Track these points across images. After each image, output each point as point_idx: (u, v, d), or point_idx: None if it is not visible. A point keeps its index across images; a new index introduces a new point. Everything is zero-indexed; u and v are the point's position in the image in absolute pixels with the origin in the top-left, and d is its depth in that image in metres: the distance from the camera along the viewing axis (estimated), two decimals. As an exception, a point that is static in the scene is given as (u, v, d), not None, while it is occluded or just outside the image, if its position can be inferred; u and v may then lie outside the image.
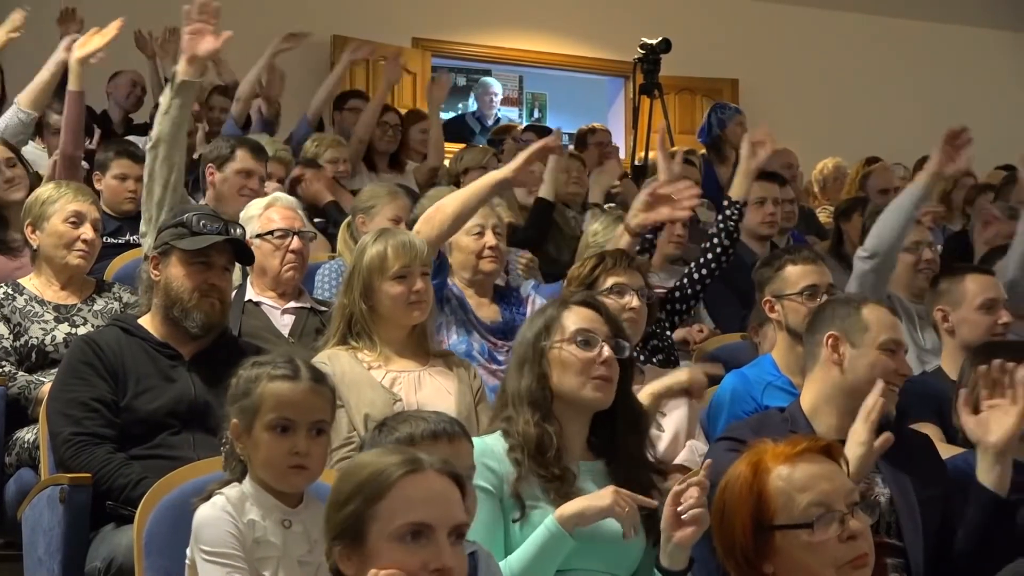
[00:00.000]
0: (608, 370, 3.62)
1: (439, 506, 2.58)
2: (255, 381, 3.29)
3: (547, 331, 3.66)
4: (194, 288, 4.28)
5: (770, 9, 13.52)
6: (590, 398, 3.61)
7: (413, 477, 2.58)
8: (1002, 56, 14.21)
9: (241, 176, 6.02)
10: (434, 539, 2.53)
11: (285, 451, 3.24)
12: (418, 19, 12.23)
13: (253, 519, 3.22)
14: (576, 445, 3.63)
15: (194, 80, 5.20)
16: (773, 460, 2.91)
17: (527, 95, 14.08)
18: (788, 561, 2.85)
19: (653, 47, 9.22)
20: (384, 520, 2.54)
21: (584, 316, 3.68)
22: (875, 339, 3.96)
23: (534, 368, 3.62)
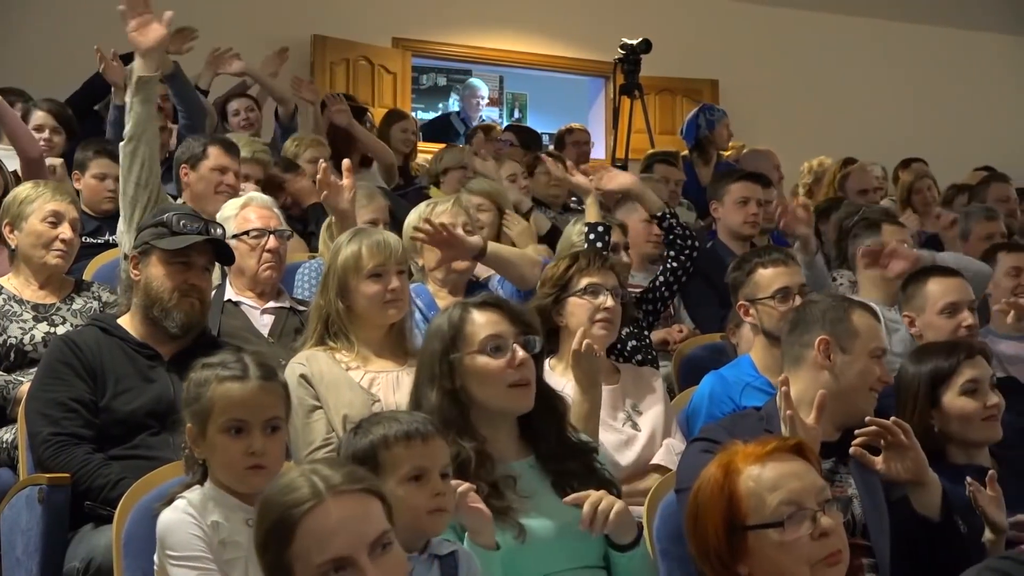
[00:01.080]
0: (525, 372, 3.54)
1: (348, 533, 2.52)
2: (204, 384, 3.29)
3: (454, 342, 3.56)
4: (174, 288, 4.28)
5: (750, 10, 13.54)
6: (513, 406, 3.56)
7: (313, 514, 2.52)
8: (980, 57, 14.26)
9: (216, 173, 6.00)
10: (356, 565, 2.49)
11: (241, 452, 3.24)
12: (398, 19, 12.22)
13: (217, 520, 3.21)
14: (508, 447, 3.57)
15: (152, 74, 5.19)
16: (743, 461, 2.92)
17: (508, 95, 14.10)
18: (762, 561, 2.86)
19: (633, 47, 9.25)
20: (302, 561, 2.51)
21: (490, 320, 3.58)
22: (865, 346, 3.98)
23: (444, 383, 3.52)
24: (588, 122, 12.56)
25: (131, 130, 5.15)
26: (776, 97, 13.28)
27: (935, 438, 4.19)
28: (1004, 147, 12.98)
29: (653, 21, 11.59)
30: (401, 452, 3.05)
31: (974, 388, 4.21)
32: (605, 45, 10.79)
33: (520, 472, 3.51)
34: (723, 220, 6.85)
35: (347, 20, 11.69)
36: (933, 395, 4.23)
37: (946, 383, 4.23)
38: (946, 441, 4.22)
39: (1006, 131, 13.75)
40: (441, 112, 13.15)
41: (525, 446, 3.63)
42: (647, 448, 4.52)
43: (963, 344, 4.44)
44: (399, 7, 12.21)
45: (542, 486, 3.53)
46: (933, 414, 4.22)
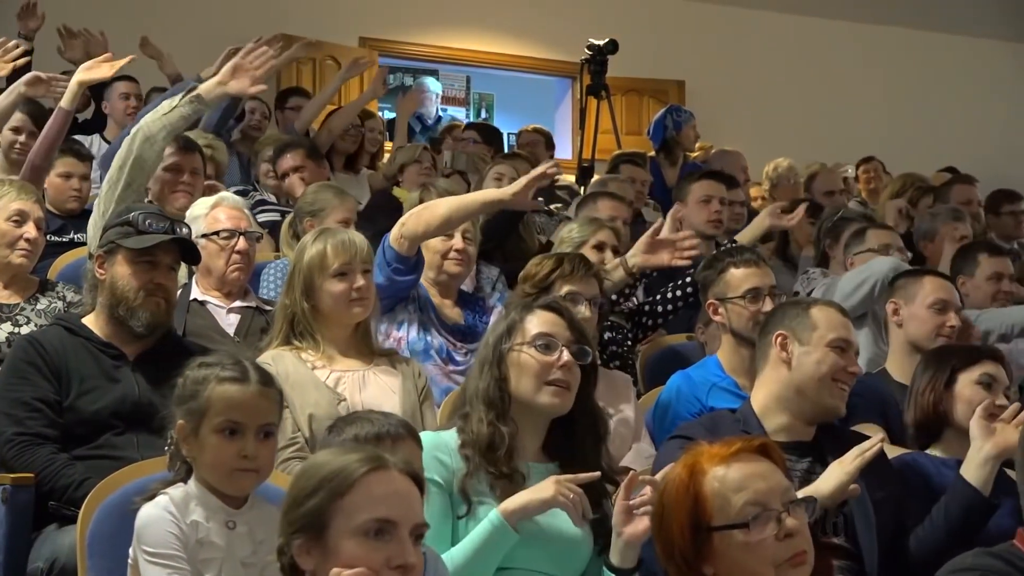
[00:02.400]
0: (567, 375, 3.60)
1: (402, 504, 2.59)
2: (203, 383, 3.27)
3: (508, 334, 3.65)
4: (140, 287, 4.26)
5: (716, 11, 13.58)
6: (545, 403, 3.61)
7: (377, 474, 2.59)
8: (946, 59, 14.33)
9: (170, 172, 5.95)
10: (397, 536, 2.55)
11: (233, 454, 3.23)
12: (365, 18, 12.20)
13: (196, 520, 3.20)
14: (530, 447, 3.63)
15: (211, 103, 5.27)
16: (708, 461, 2.92)
17: (474, 95, 14.07)
18: (727, 562, 2.86)
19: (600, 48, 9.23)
20: (348, 515, 2.55)
21: (546, 320, 3.67)
22: (823, 337, 4.00)
23: (493, 370, 3.61)
24: (555, 122, 12.59)
25: (153, 130, 5.17)
26: (742, 98, 13.31)
27: (938, 419, 4.28)
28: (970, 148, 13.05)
29: (620, 22, 11.60)
30: None
31: (989, 383, 4.26)
32: (572, 46, 10.78)
33: (534, 474, 3.56)
34: (687, 220, 6.85)
35: (314, 19, 11.66)
36: (951, 378, 4.29)
37: (965, 369, 4.29)
38: (945, 426, 4.29)
39: (972, 133, 13.83)
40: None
41: (546, 454, 3.68)
42: (617, 451, 4.52)
43: (990, 348, 4.60)
44: (366, 7, 12.20)
45: None
46: (944, 395, 4.28)
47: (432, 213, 4.87)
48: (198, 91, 5.23)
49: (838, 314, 4.11)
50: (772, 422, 3.96)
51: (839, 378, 3.98)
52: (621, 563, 3.39)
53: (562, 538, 3.45)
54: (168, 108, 5.21)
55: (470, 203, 4.99)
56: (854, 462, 3.65)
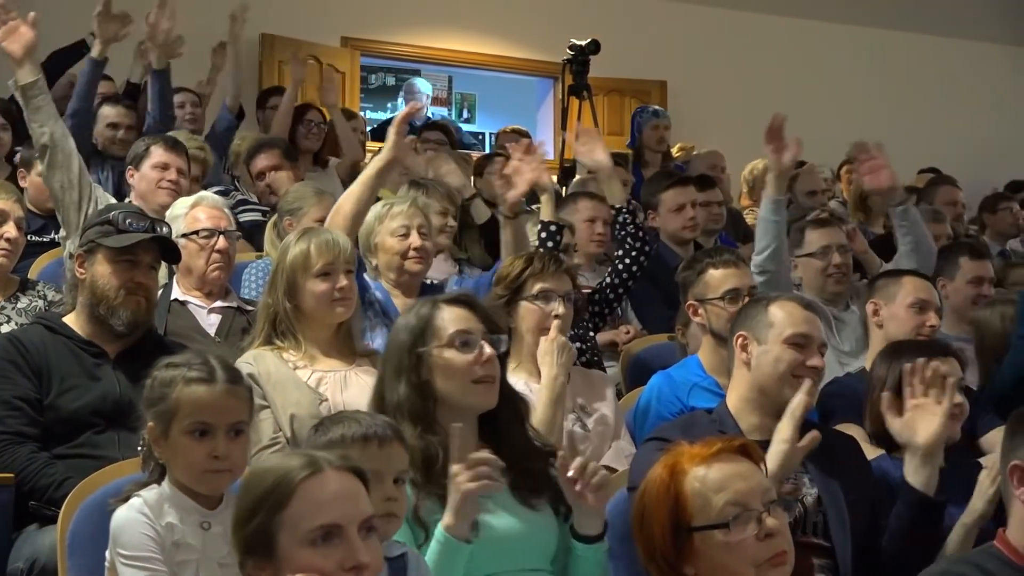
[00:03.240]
0: (490, 369, 3.57)
1: (344, 504, 2.56)
2: (170, 385, 3.26)
3: (422, 336, 3.57)
4: (120, 286, 4.26)
5: (699, 12, 13.58)
6: (476, 402, 3.57)
7: (313, 480, 2.56)
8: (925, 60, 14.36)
9: (157, 170, 5.97)
10: (345, 538, 2.52)
11: (204, 455, 3.22)
12: (347, 18, 12.18)
13: (171, 522, 3.19)
14: (467, 444, 3.53)
15: (33, 79, 5.22)
16: (689, 462, 2.93)
17: (456, 95, 14.08)
18: (708, 562, 2.87)
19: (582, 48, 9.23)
20: (291, 527, 2.53)
21: (459, 316, 3.61)
22: (780, 334, 3.98)
23: (411, 376, 3.54)
24: (536, 122, 12.58)
25: (37, 139, 5.25)
26: (725, 98, 13.31)
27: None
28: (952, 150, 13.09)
29: (602, 22, 11.59)
30: (356, 453, 3.04)
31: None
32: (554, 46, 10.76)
33: None
34: (662, 228, 6.88)
35: (296, 19, 11.64)
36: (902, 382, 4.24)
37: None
38: None
39: (954, 134, 13.87)
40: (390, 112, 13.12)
41: (482, 444, 3.62)
42: (595, 449, 4.53)
43: (939, 343, 4.49)
44: (348, 6, 12.17)
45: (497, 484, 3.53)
46: (897, 402, 4.24)
47: (341, 214, 4.81)
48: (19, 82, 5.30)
49: (799, 308, 4.07)
50: (745, 422, 3.95)
51: (799, 373, 3.93)
52: (586, 530, 3.39)
53: (524, 531, 3.43)
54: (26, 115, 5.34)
55: (365, 182, 4.87)
56: (788, 425, 3.66)
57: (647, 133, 9.75)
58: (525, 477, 3.52)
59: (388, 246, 5.21)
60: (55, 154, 5.24)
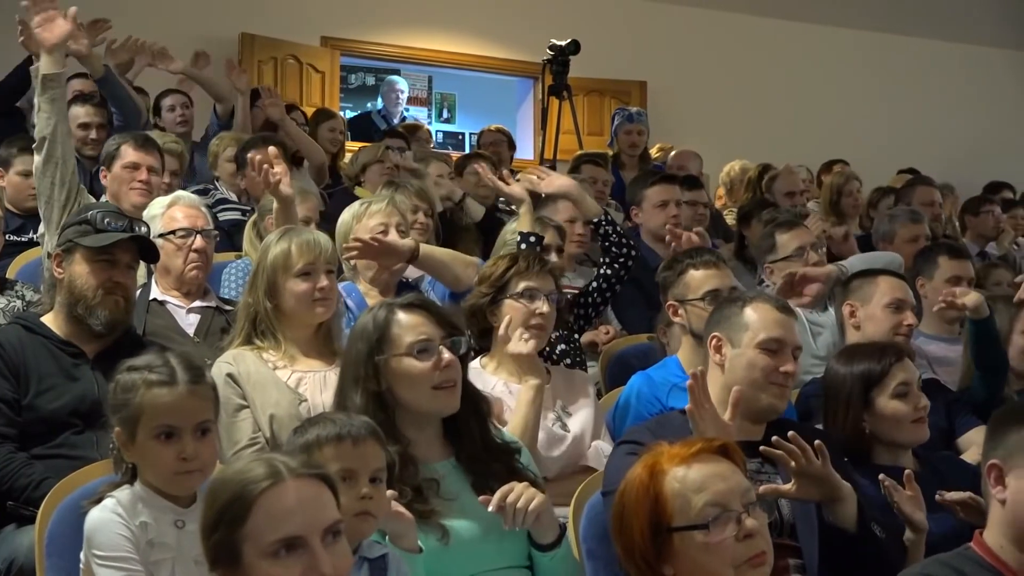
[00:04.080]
0: (451, 374, 3.56)
1: (305, 514, 2.53)
2: (131, 390, 3.25)
3: (379, 344, 3.56)
4: (98, 286, 4.26)
5: (678, 12, 13.60)
6: (438, 408, 3.58)
7: (272, 491, 2.53)
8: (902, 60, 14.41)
9: (128, 170, 5.93)
10: (308, 547, 2.50)
11: (172, 457, 3.22)
12: (327, 18, 12.18)
13: (145, 521, 3.20)
14: (432, 448, 3.59)
15: (57, 71, 5.19)
16: (669, 462, 2.92)
17: (436, 95, 14.06)
18: (687, 562, 2.86)
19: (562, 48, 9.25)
20: (253, 541, 2.50)
21: (416, 322, 3.60)
22: (753, 338, 3.97)
23: (370, 385, 3.53)
24: (516, 123, 12.58)
25: (41, 130, 5.15)
26: (704, 99, 13.35)
27: (865, 439, 4.24)
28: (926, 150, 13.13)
29: (582, 22, 11.61)
30: (330, 453, 3.04)
31: (905, 391, 4.24)
32: (534, 46, 10.79)
33: (443, 473, 3.52)
34: (644, 224, 6.88)
35: (276, 18, 11.64)
36: (866, 397, 4.25)
37: (879, 385, 4.25)
38: (874, 442, 4.25)
39: (933, 135, 13.92)
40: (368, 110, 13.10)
41: (448, 447, 3.64)
42: (576, 449, 4.52)
43: (891, 346, 4.47)
44: (328, 6, 12.17)
45: (464, 487, 3.54)
46: (865, 416, 4.24)
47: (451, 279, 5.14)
48: (40, 72, 5.22)
49: (774, 310, 4.04)
50: None
51: (774, 380, 3.94)
52: (543, 539, 3.41)
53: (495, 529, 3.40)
54: (38, 104, 5.23)
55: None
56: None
57: (621, 137, 9.78)
58: (487, 477, 3.52)
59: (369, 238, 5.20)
60: (54, 148, 5.20)
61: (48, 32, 5.16)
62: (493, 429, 3.72)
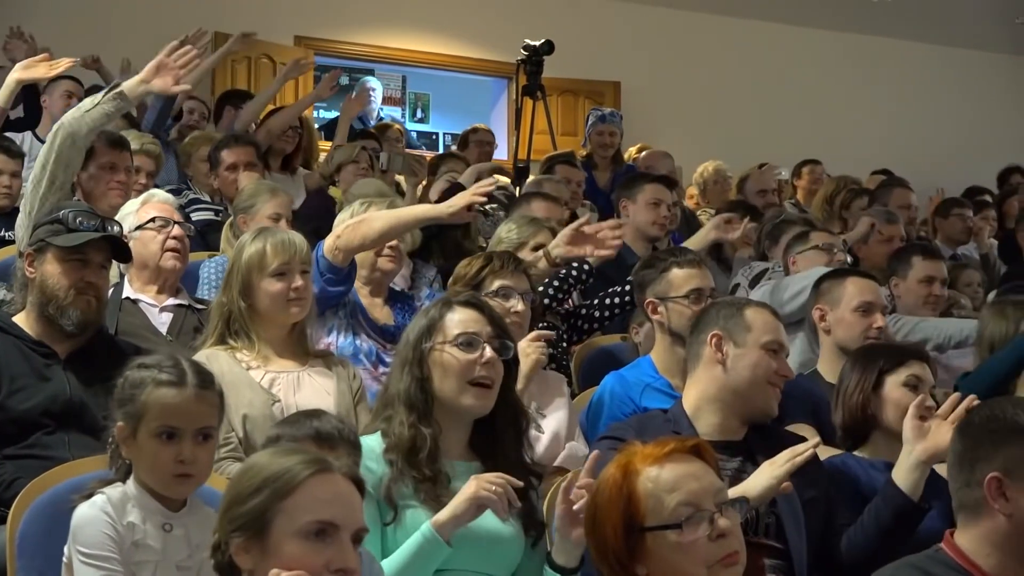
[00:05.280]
0: (490, 372, 3.59)
1: (345, 508, 2.60)
2: (140, 386, 3.26)
3: (429, 332, 3.62)
4: (70, 285, 4.23)
5: (652, 12, 13.61)
6: (469, 404, 3.60)
7: (322, 477, 2.60)
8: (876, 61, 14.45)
9: (105, 170, 5.92)
10: (338, 539, 2.55)
11: (171, 458, 3.22)
12: (301, 17, 12.16)
13: (133, 522, 3.19)
14: (455, 446, 3.62)
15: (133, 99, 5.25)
16: (642, 461, 2.92)
17: (410, 95, 14.05)
18: (660, 562, 2.86)
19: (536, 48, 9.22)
20: (290, 516, 2.56)
21: (467, 317, 3.65)
22: (758, 339, 4.02)
23: (414, 370, 3.59)
24: (490, 123, 12.55)
25: (75, 129, 5.09)
26: (678, 99, 13.37)
27: (866, 421, 4.30)
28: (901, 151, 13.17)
29: (556, 23, 11.60)
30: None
31: (916, 384, 4.28)
32: (508, 46, 10.77)
33: (459, 473, 3.53)
34: (632, 219, 6.88)
35: (249, 17, 11.57)
36: (878, 380, 4.31)
37: (892, 372, 4.31)
38: (874, 428, 4.31)
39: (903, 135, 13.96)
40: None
41: (471, 453, 3.66)
42: (550, 450, 4.53)
43: (915, 347, 4.59)
44: (302, 5, 12.15)
45: None
46: (872, 398, 4.30)
47: (369, 227, 4.87)
48: (121, 88, 5.17)
49: (771, 316, 4.14)
50: (703, 422, 3.97)
51: (773, 381, 4.02)
52: (567, 563, 3.40)
53: (491, 536, 3.44)
54: (90, 105, 5.15)
55: (407, 218, 5.00)
56: (785, 465, 3.65)
57: (594, 137, 9.83)
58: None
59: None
60: (72, 152, 5.16)
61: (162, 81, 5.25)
62: (527, 449, 3.74)
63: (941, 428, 3.85)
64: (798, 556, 3.76)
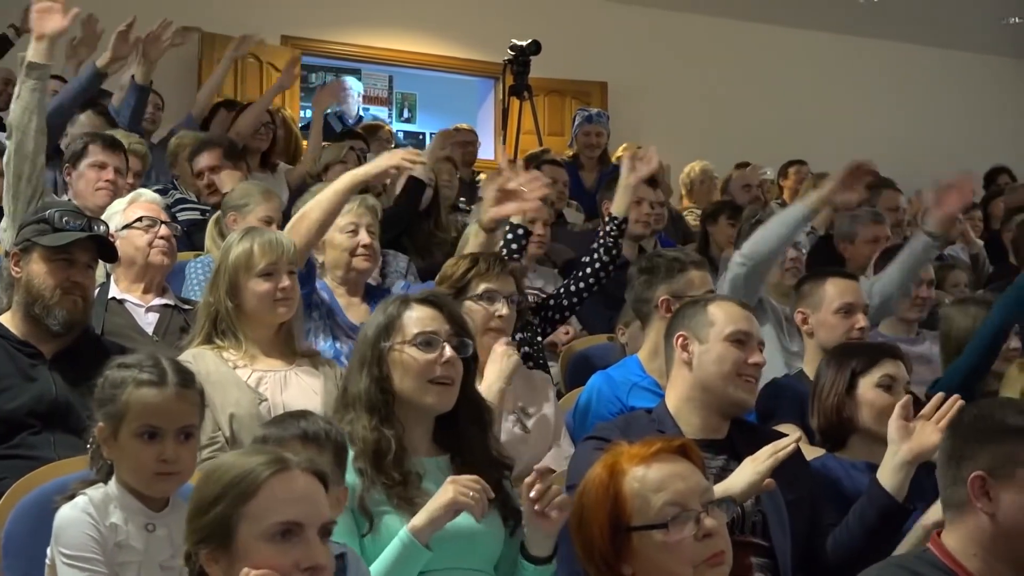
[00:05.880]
0: (450, 371, 3.58)
1: (308, 504, 2.57)
2: (120, 386, 3.25)
3: (387, 331, 3.60)
4: (56, 285, 4.22)
5: (640, 13, 13.62)
6: (431, 402, 3.58)
7: (281, 476, 2.57)
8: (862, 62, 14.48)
9: (95, 169, 5.94)
10: (304, 537, 2.53)
11: (152, 458, 3.21)
12: (288, 17, 12.15)
13: (115, 523, 3.19)
14: (421, 444, 3.61)
15: (44, 62, 5.16)
16: (628, 461, 2.93)
17: (397, 95, 14.04)
18: (646, 562, 2.86)
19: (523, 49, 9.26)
20: (254, 520, 2.53)
21: (425, 315, 3.63)
22: (720, 332, 4.01)
23: (373, 370, 3.57)
24: (477, 123, 12.55)
25: (16, 119, 5.10)
26: (665, 100, 13.38)
27: (843, 424, 4.28)
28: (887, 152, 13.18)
29: (543, 23, 11.62)
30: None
31: (889, 384, 4.27)
32: (495, 46, 10.80)
33: (429, 469, 3.54)
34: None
35: (236, 17, 11.58)
36: (851, 382, 4.30)
37: (865, 373, 4.30)
38: (852, 431, 4.29)
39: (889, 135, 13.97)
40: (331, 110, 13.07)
41: (437, 447, 3.65)
42: (536, 450, 4.53)
43: (887, 346, 4.54)
44: (289, 5, 12.15)
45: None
46: (846, 400, 4.29)
47: (308, 220, 4.77)
48: (28, 58, 5.18)
49: (737, 307, 4.11)
50: (684, 422, 3.96)
51: (742, 372, 3.98)
52: (538, 552, 3.41)
53: (471, 532, 3.41)
54: (18, 91, 5.17)
55: (339, 191, 4.79)
56: (767, 461, 3.65)
57: (580, 137, 9.81)
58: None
59: (337, 243, 5.21)
60: (25, 141, 5.15)
61: (43, 21, 5.14)
62: (492, 441, 3.73)
63: (926, 428, 3.86)
64: (782, 555, 3.76)
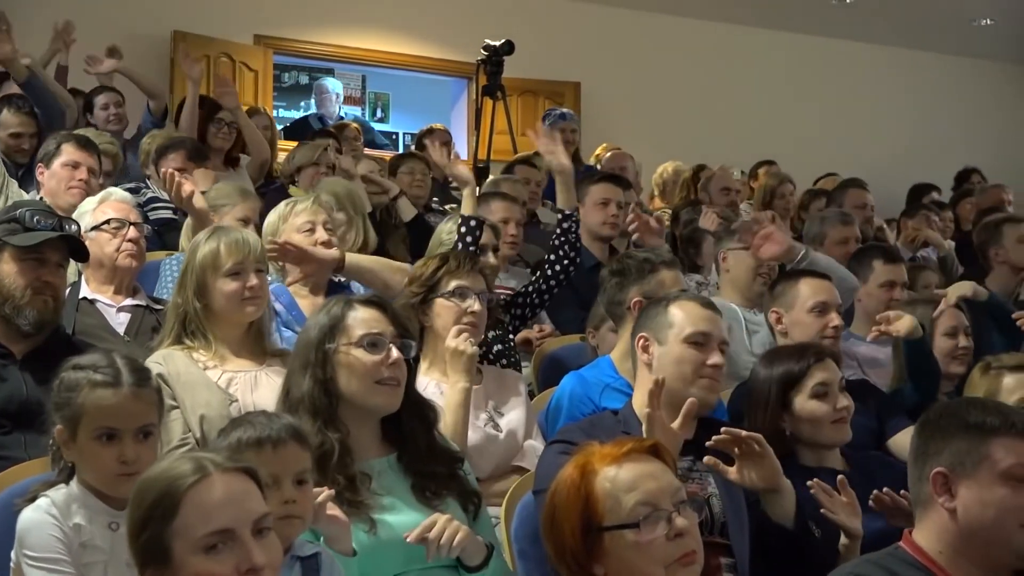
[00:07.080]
0: (396, 372, 3.59)
1: (234, 507, 2.53)
2: (75, 389, 3.24)
3: (332, 333, 3.60)
4: (27, 285, 4.22)
5: (612, 14, 13.64)
6: (378, 403, 3.59)
7: (200, 485, 2.53)
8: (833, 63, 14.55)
9: (68, 168, 5.94)
10: (238, 540, 2.50)
11: (112, 459, 3.20)
12: (260, 16, 12.12)
13: (79, 523, 3.18)
14: (369, 444, 3.61)
15: None
16: (600, 462, 2.93)
17: (370, 95, 14.04)
18: (618, 562, 2.87)
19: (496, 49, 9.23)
20: (183, 537, 2.50)
21: (370, 317, 3.64)
22: (679, 334, 4.01)
23: (317, 372, 3.57)
24: (450, 123, 12.56)
25: None
26: (637, 100, 13.40)
27: (786, 440, 4.21)
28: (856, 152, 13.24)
29: (516, 23, 11.62)
30: (251, 458, 3.01)
31: (824, 391, 4.23)
32: (468, 46, 10.78)
33: (379, 470, 3.54)
34: (583, 221, 6.87)
35: (208, 16, 11.58)
36: (784, 398, 4.25)
37: (797, 386, 4.25)
38: (796, 443, 4.25)
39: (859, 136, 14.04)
40: (303, 111, 13.07)
41: (386, 446, 3.65)
42: (508, 449, 4.53)
43: (813, 347, 4.47)
44: (261, 4, 12.12)
45: (401, 486, 3.55)
46: (784, 417, 4.24)
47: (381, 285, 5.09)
48: None
49: (698, 307, 4.09)
50: None
51: (703, 373, 3.98)
52: (468, 562, 3.40)
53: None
54: None
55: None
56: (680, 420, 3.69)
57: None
58: (428, 479, 3.55)
59: (295, 242, 5.20)
60: None
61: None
62: (438, 436, 3.74)
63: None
64: (740, 553, 3.75)
